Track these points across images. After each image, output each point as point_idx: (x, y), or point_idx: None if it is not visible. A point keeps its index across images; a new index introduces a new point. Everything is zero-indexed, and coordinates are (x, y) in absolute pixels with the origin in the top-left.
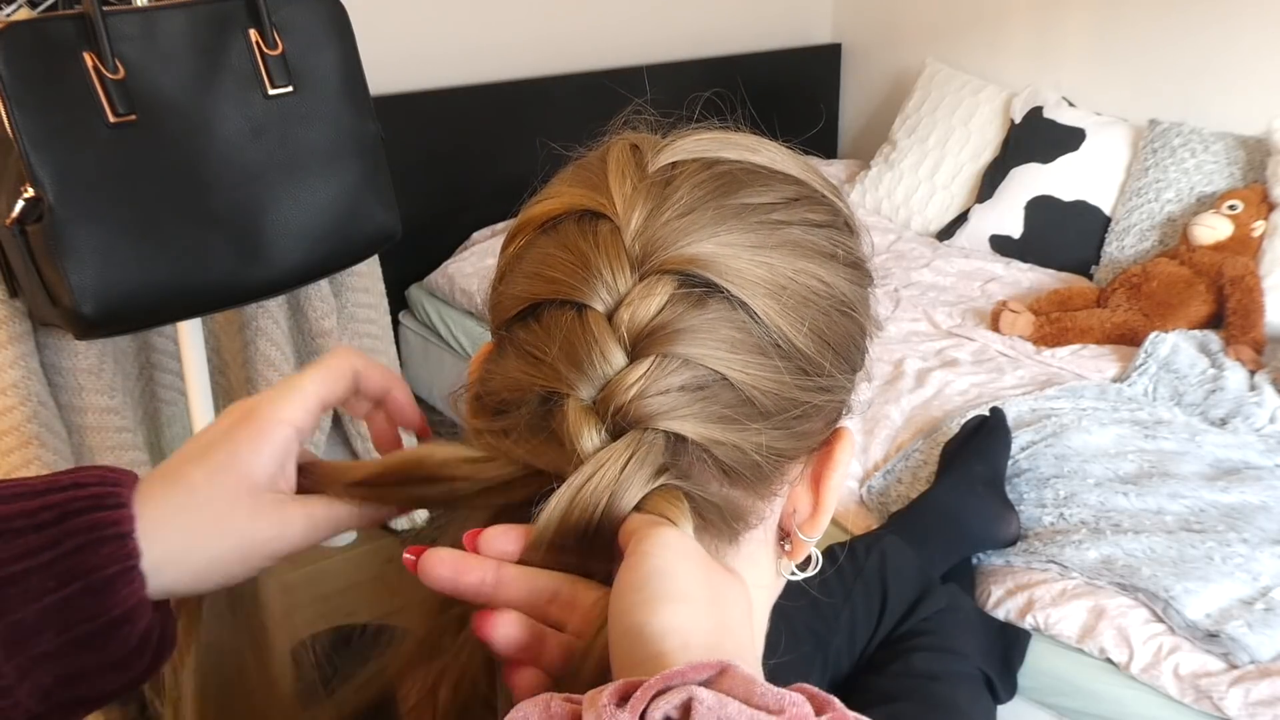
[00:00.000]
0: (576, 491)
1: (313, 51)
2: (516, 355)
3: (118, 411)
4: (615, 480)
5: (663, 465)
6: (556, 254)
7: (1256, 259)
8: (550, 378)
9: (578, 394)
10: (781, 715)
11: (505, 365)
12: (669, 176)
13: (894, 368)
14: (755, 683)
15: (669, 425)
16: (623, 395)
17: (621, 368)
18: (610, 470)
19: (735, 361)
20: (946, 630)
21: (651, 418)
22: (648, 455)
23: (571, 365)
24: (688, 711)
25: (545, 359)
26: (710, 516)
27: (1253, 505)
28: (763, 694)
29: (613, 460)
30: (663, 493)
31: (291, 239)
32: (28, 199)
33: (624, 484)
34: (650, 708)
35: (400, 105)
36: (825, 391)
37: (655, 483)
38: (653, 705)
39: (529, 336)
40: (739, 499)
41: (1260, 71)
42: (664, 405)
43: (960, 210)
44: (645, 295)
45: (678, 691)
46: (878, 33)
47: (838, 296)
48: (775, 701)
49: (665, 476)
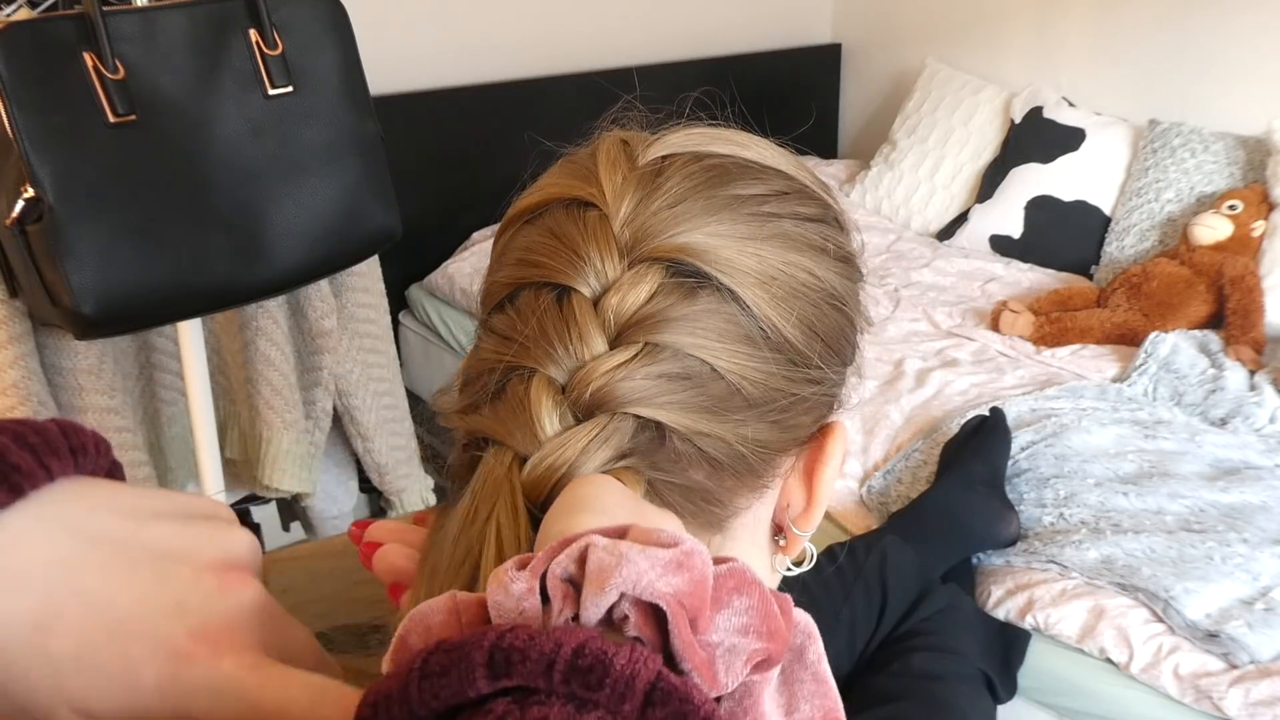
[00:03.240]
0: (532, 469)
1: (313, 51)
2: (491, 339)
3: (118, 411)
4: (572, 460)
5: (624, 450)
6: (542, 240)
7: (1256, 259)
8: (520, 354)
9: (545, 370)
10: (674, 548)
11: (480, 351)
12: (659, 168)
13: (894, 368)
14: (655, 530)
15: (644, 412)
16: (599, 379)
17: (600, 353)
18: (570, 450)
19: (723, 352)
20: (946, 630)
21: (624, 403)
22: (610, 438)
23: (545, 343)
24: (584, 565)
25: (516, 337)
26: (694, 504)
27: (1253, 505)
28: (659, 536)
29: (575, 441)
30: (620, 471)
31: (291, 239)
32: (28, 199)
33: (580, 462)
34: (551, 567)
35: (400, 105)
36: (814, 384)
37: (614, 465)
38: (553, 564)
39: (504, 320)
40: (726, 489)
41: (1260, 71)
42: (640, 391)
43: (960, 210)
44: (635, 282)
45: (576, 544)
46: (878, 33)
47: (827, 290)
48: (670, 539)
49: (626, 460)
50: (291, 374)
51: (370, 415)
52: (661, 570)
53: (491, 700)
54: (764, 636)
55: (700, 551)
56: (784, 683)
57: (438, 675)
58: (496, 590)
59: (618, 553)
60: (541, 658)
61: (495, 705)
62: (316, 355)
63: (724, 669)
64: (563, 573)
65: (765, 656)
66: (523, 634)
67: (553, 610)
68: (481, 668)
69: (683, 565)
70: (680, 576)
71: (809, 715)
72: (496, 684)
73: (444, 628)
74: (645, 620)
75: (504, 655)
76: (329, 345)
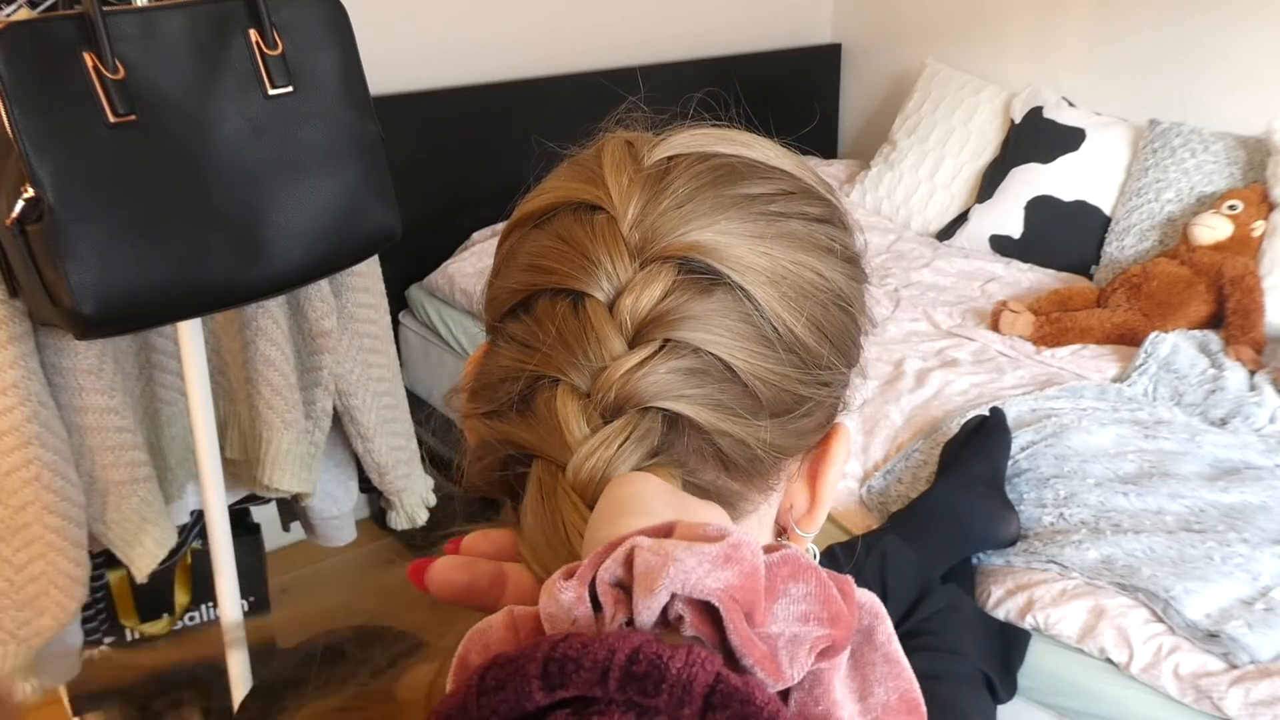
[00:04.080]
0: (573, 475)
1: (313, 51)
2: (510, 346)
3: (118, 411)
4: (609, 461)
5: (656, 448)
6: (552, 245)
7: (1256, 259)
8: (543, 364)
9: (570, 379)
10: (722, 541)
11: (498, 357)
12: (665, 168)
13: (894, 368)
14: (703, 525)
15: (668, 405)
16: (621, 378)
17: (620, 354)
18: (605, 451)
19: (739, 350)
20: (946, 630)
21: (651, 397)
22: (644, 438)
23: (565, 351)
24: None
25: (539, 347)
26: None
27: (1253, 505)
28: (705, 531)
29: (607, 442)
30: (654, 468)
31: (291, 239)
32: (28, 199)
33: (615, 463)
34: (599, 573)
35: (400, 105)
36: (824, 386)
37: (648, 462)
38: (601, 570)
39: (522, 328)
40: (735, 490)
41: (1260, 71)
42: (664, 385)
43: (960, 210)
44: (648, 282)
45: (622, 548)
46: (878, 33)
47: (835, 290)
48: (717, 533)
49: (658, 459)
50: (291, 374)
51: (370, 415)
52: (710, 566)
53: (551, 712)
54: (826, 622)
55: (748, 543)
56: (854, 667)
57: (494, 690)
58: (548, 602)
59: (663, 552)
60: (595, 665)
61: (555, 717)
62: (316, 355)
63: (788, 660)
64: (610, 577)
65: (830, 643)
66: (576, 642)
67: (605, 616)
68: (536, 679)
69: (731, 559)
70: (729, 570)
71: (884, 699)
72: (553, 695)
73: (502, 643)
74: (700, 619)
75: (558, 665)
76: (329, 345)
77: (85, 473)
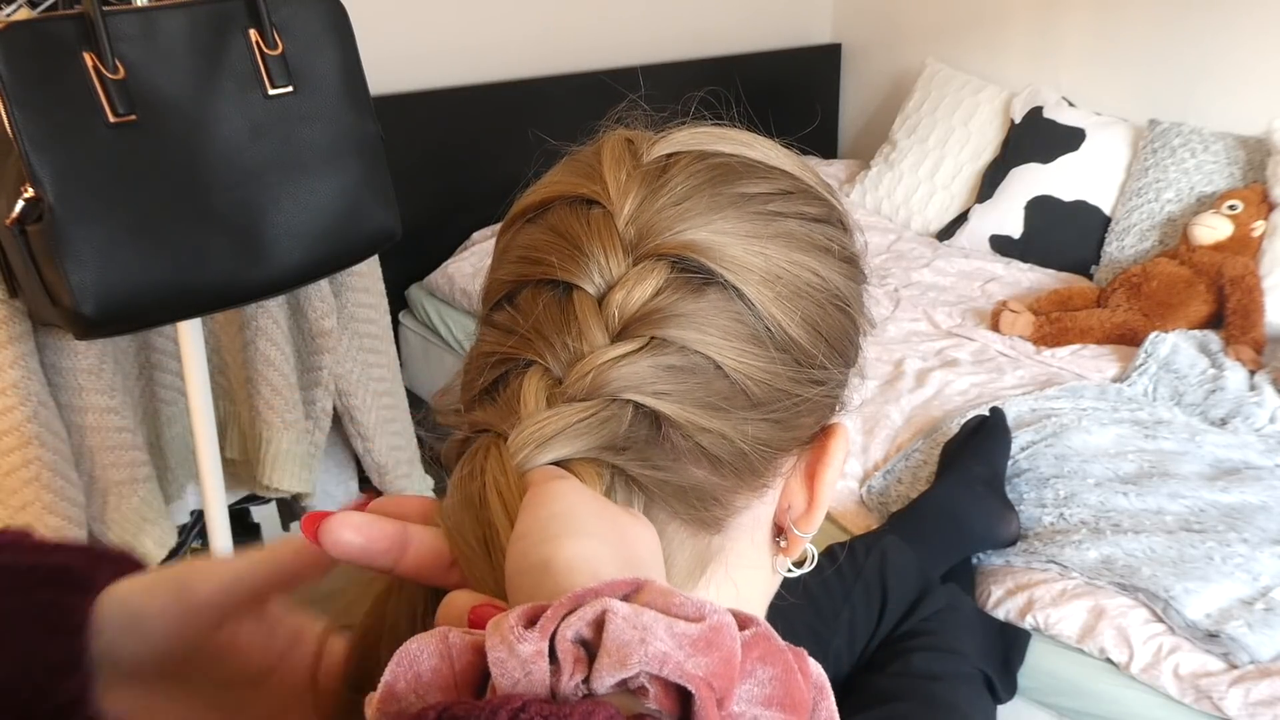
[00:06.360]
0: (513, 445)
1: (313, 51)
2: (491, 333)
3: (118, 411)
4: (551, 436)
5: (617, 444)
6: (545, 238)
7: (1256, 259)
8: (519, 346)
9: (544, 363)
10: (701, 622)
11: (480, 346)
12: (664, 166)
13: (894, 368)
14: (673, 593)
15: (643, 399)
16: (597, 367)
17: (600, 346)
18: (551, 425)
19: (729, 349)
20: (946, 630)
21: (624, 389)
22: (604, 424)
23: (543, 338)
24: (601, 629)
25: (517, 329)
26: (691, 504)
27: (1253, 505)
28: (681, 603)
29: (561, 417)
30: (585, 464)
31: (291, 239)
32: (28, 199)
33: (560, 442)
34: (561, 627)
35: (400, 105)
36: (818, 385)
37: (592, 454)
38: (564, 625)
39: (505, 316)
40: (726, 488)
41: (1260, 71)
42: (641, 378)
43: (960, 210)
44: (640, 278)
45: (590, 606)
46: (878, 33)
47: (832, 290)
48: (695, 610)
49: (617, 456)
50: (291, 374)
51: (370, 415)
52: (690, 650)
53: None
54: (787, 708)
55: (728, 624)
56: None
57: None
58: (499, 646)
59: (640, 626)
60: None
61: None
62: (316, 355)
63: None
64: (574, 635)
65: None
66: (541, 710)
67: (561, 674)
68: None
69: (713, 644)
70: (710, 656)
71: None
72: None
73: (435, 675)
74: (667, 694)
75: None
76: (329, 345)
77: (85, 473)
